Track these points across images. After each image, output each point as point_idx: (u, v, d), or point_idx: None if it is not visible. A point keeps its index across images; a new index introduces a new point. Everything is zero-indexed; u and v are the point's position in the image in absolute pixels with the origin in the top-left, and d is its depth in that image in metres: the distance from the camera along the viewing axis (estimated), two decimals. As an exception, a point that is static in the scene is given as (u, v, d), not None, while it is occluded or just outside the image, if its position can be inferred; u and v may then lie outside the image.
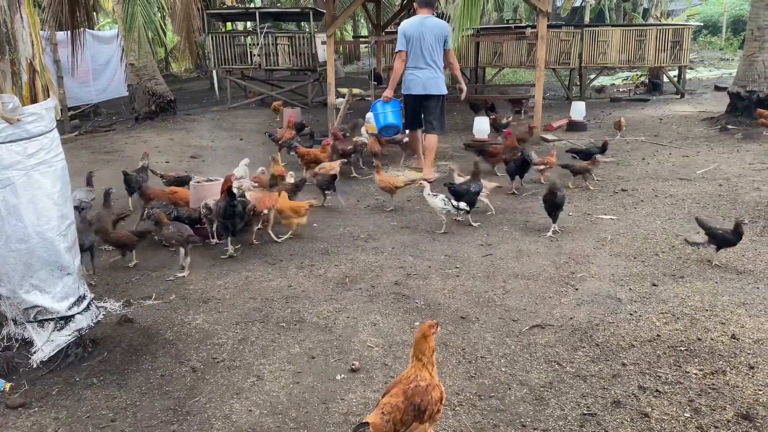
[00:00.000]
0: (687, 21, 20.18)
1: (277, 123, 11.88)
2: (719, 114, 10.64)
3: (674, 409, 2.87)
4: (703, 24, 24.55)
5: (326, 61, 10.24)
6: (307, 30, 15.67)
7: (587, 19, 21.87)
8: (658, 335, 3.56)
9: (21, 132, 3.19)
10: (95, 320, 3.62)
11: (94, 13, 16.70)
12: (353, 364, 3.31)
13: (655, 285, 4.27)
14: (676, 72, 14.74)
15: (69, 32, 10.36)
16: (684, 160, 8.04)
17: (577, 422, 2.81)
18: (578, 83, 15.34)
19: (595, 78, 16.67)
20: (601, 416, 2.84)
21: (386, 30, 13.37)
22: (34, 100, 3.46)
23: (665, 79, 15.22)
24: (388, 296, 4.22)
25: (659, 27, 14.51)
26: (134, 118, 12.67)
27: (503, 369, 3.27)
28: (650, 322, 3.72)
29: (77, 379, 3.28)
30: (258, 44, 14.49)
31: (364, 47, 23.43)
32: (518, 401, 2.98)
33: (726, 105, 10.54)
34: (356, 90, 11.75)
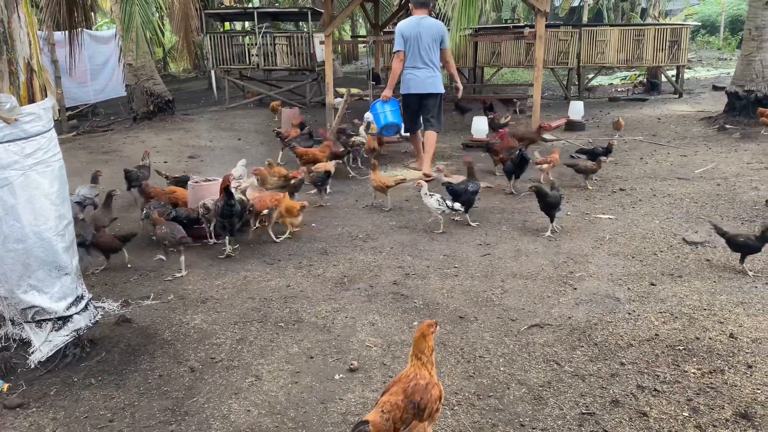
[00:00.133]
0: (685, 21, 20.20)
1: (276, 123, 11.88)
2: (717, 113, 10.65)
3: (673, 408, 2.87)
4: (701, 24, 24.60)
5: (324, 61, 10.23)
6: (306, 30, 15.67)
7: (585, 19, 21.88)
8: (657, 334, 3.57)
9: (18, 132, 3.19)
10: (93, 320, 3.62)
11: (92, 13, 16.65)
12: (352, 364, 3.31)
13: (654, 284, 4.28)
14: (674, 71, 14.76)
15: (67, 32, 10.36)
16: (682, 160, 8.05)
17: (576, 421, 2.81)
18: (576, 83, 15.36)
19: (594, 78, 16.69)
20: (600, 415, 2.84)
21: (385, 30, 13.38)
22: (32, 100, 3.46)
23: (663, 79, 15.25)
24: (387, 296, 4.21)
25: (657, 27, 14.53)
26: (132, 118, 12.66)
27: (502, 368, 3.27)
28: (648, 322, 3.73)
29: (75, 380, 3.27)
30: (256, 44, 14.48)
31: (363, 47, 23.43)
32: (517, 401, 2.98)
33: (724, 104, 10.56)
34: (355, 90, 11.73)
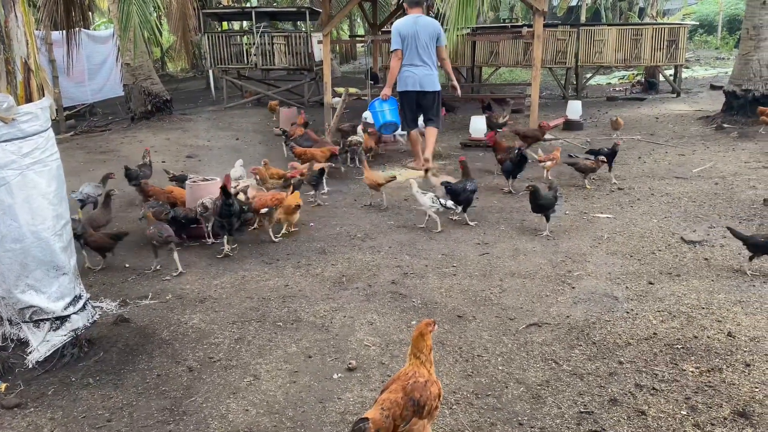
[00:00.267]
0: (683, 20, 20.23)
1: (274, 123, 11.88)
2: (715, 113, 10.66)
3: (671, 407, 2.87)
4: (699, 23, 24.60)
5: (323, 61, 10.23)
6: (304, 29, 15.66)
7: (583, 18, 21.92)
8: (655, 333, 3.57)
9: (16, 131, 3.18)
10: (91, 320, 3.61)
11: (90, 13, 16.61)
12: (350, 363, 3.30)
13: (652, 283, 4.28)
14: (672, 71, 14.78)
15: (64, 32, 10.32)
16: (680, 159, 8.06)
17: (574, 420, 2.81)
18: (575, 82, 15.36)
19: (591, 77, 16.70)
20: (598, 414, 2.84)
21: (383, 29, 13.37)
22: (29, 100, 3.45)
23: (661, 78, 15.26)
24: (385, 295, 4.21)
25: (655, 26, 14.54)
26: (130, 118, 12.64)
27: (500, 367, 3.27)
28: (647, 320, 3.73)
29: (73, 379, 3.27)
30: (254, 44, 14.46)
31: (361, 46, 23.45)
32: (515, 400, 2.98)
33: (722, 104, 10.57)
34: (353, 89, 11.72)
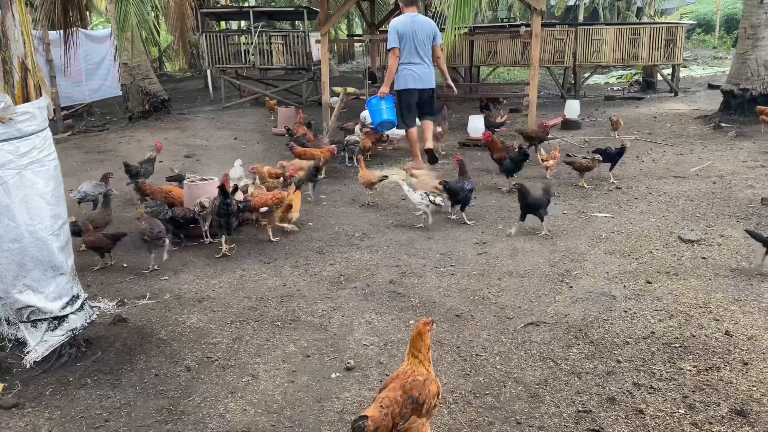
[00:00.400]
0: (680, 19, 20.26)
1: (272, 122, 11.87)
2: (713, 112, 10.67)
3: (669, 406, 2.87)
4: (697, 22, 24.63)
5: (320, 60, 10.22)
6: (302, 29, 15.65)
7: (581, 18, 21.93)
8: (653, 332, 3.57)
9: (13, 131, 3.17)
10: (89, 320, 3.60)
11: (87, 12, 16.58)
12: (348, 363, 3.30)
13: (650, 282, 4.28)
14: (670, 70, 14.78)
15: (62, 31, 10.31)
16: (678, 158, 8.07)
17: (572, 419, 2.81)
18: (573, 82, 15.37)
19: (590, 76, 16.71)
20: (596, 413, 2.85)
21: (381, 29, 13.36)
22: (26, 99, 3.43)
23: (659, 78, 15.27)
24: (383, 295, 4.21)
25: (653, 25, 14.56)
26: (128, 118, 12.61)
27: (498, 367, 3.27)
28: (645, 320, 3.73)
29: (71, 379, 3.26)
30: (252, 43, 14.45)
31: (359, 46, 23.45)
32: (513, 399, 2.98)
33: (719, 103, 10.56)
34: (351, 89, 11.73)
